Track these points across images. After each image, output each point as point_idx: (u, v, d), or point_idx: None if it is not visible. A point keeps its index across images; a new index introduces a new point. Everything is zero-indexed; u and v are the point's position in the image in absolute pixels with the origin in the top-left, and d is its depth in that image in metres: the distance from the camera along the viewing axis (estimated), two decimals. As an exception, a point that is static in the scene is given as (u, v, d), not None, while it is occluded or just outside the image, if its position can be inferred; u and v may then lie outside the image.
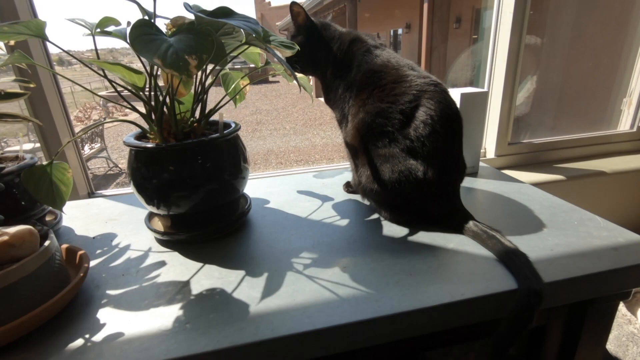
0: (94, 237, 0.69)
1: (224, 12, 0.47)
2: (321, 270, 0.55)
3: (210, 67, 0.64)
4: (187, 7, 0.45)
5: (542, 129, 1.58)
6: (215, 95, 0.75)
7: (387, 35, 9.67)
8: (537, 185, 1.15)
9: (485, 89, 0.88)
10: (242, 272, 0.56)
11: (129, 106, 0.59)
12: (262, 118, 7.31)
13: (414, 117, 0.61)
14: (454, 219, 0.63)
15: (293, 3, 0.78)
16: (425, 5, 5.38)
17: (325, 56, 0.78)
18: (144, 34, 0.41)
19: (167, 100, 0.60)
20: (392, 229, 0.66)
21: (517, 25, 1.08)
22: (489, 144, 1.24)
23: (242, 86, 0.79)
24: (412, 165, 0.61)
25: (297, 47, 0.65)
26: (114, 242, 0.67)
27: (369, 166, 0.65)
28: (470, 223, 0.61)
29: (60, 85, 0.96)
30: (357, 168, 0.70)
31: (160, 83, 0.64)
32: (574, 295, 0.53)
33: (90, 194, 1.05)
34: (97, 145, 4.25)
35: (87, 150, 4.06)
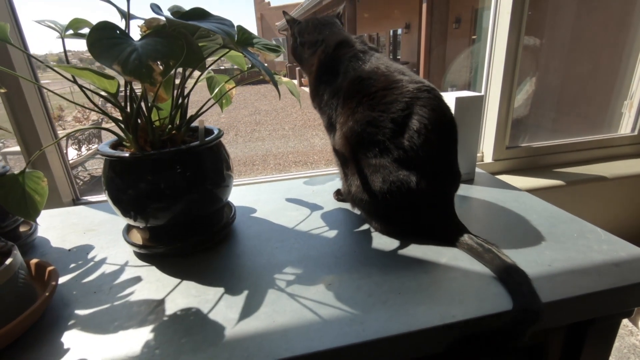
0: (69, 250, 0.66)
1: (198, 14, 0.44)
2: (304, 288, 0.52)
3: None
4: (155, 8, 0.42)
5: (541, 131, 1.55)
6: (200, 98, 0.72)
7: (386, 35, 9.64)
8: (536, 190, 1.12)
9: (481, 93, 0.84)
10: (220, 290, 0.52)
11: (98, 110, 0.56)
12: (261, 119, 7.28)
13: (406, 126, 0.57)
14: (447, 231, 0.60)
15: (284, 12, 0.82)
16: (424, 6, 5.35)
17: (307, 59, 0.76)
18: (105, 37, 0.38)
19: (144, 106, 0.57)
20: (382, 241, 0.63)
21: (514, 26, 1.05)
22: (487, 148, 1.21)
23: (227, 89, 0.76)
24: (404, 175, 0.57)
25: (283, 50, 0.63)
26: (90, 255, 0.64)
27: (358, 176, 0.62)
28: (465, 236, 0.58)
29: (41, 88, 0.92)
30: (346, 177, 0.67)
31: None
32: (573, 315, 0.50)
33: (75, 201, 1.02)
34: (94, 146, 4.21)
35: (84, 151, 4.02)
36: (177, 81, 0.60)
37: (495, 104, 1.14)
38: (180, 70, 0.59)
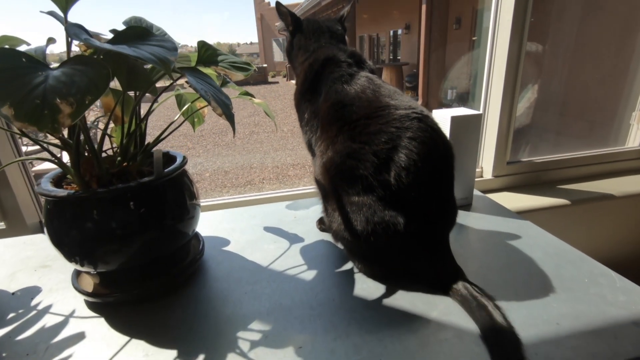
0: (13, 293, 0.59)
1: (136, 35, 0.37)
2: (270, 351, 0.44)
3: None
4: (72, 30, 0.34)
5: (544, 143, 1.48)
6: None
7: (386, 36, 9.55)
8: (540, 210, 1.04)
9: (479, 111, 0.77)
10: (172, 353, 0.45)
11: (20, 134, 0.48)
12: (260, 120, 7.21)
13: (392, 161, 0.50)
14: (440, 277, 0.52)
15: (278, 4, 0.71)
16: (424, 7, 5.27)
17: (298, 67, 0.70)
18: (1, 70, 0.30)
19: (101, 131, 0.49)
20: (366, 286, 0.55)
21: (516, 34, 0.97)
22: (486, 164, 1.13)
23: (198, 108, 0.68)
24: (390, 217, 0.50)
25: (253, 68, 0.55)
26: (35, 301, 0.56)
27: (339, 213, 0.55)
28: (460, 284, 0.50)
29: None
30: (327, 211, 0.59)
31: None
32: (586, 390, 0.42)
33: (42, 224, 0.94)
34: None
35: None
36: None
37: (496, 117, 1.06)
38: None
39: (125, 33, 0.37)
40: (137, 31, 0.37)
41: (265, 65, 14.28)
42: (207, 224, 0.78)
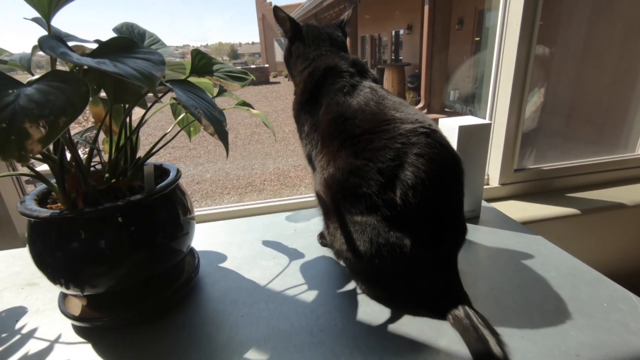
0: (-3, 315, 0.56)
1: (121, 46, 0.33)
2: (267, 386, 0.41)
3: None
4: (48, 43, 0.31)
5: (551, 148, 1.44)
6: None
7: (388, 36, 9.52)
8: (549, 220, 1.01)
9: (488, 120, 0.73)
10: (162, 387, 0.42)
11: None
12: (260, 120, 7.17)
13: (398, 179, 0.46)
14: (446, 301, 0.49)
15: (276, 8, 0.67)
16: (426, 7, 5.23)
17: (297, 75, 0.67)
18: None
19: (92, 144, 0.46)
20: (370, 310, 0.52)
21: (525, 37, 0.94)
22: (493, 171, 1.10)
23: (194, 118, 0.65)
24: (396, 238, 0.46)
25: (251, 78, 0.52)
26: (20, 323, 0.53)
27: (342, 232, 0.51)
28: (462, 311, 0.46)
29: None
30: (328, 229, 0.56)
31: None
32: None
33: (35, 233, 0.91)
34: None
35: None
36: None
37: (503, 123, 1.03)
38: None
39: (109, 45, 0.34)
40: (122, 42, 0.34)
41: (267, 65, 14.26)
42: (202, 237, 0.75)
